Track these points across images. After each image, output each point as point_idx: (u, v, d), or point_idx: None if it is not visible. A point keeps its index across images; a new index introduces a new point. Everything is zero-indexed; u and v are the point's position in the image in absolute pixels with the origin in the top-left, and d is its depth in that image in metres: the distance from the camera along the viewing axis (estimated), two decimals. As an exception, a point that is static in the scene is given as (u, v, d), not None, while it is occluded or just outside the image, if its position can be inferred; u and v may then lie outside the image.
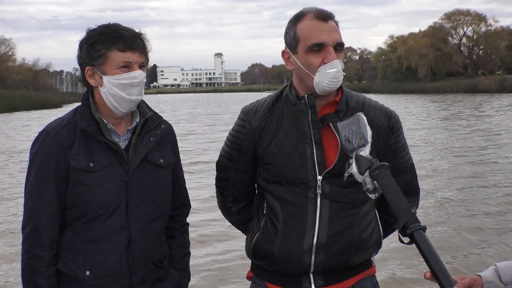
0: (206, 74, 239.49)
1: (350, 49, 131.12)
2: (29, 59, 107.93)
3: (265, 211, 2.44)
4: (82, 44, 2.31)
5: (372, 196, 2.03)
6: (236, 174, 2.51)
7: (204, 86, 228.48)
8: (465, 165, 13.70)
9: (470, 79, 79.30)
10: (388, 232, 2.59)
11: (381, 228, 2.50)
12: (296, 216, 2.35)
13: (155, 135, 2.39)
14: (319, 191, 2.33)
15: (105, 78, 2.27)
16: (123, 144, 2.35)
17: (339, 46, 2.31)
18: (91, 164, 2.26)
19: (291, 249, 2.36)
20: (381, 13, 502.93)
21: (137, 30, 2.35)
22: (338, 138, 2.28)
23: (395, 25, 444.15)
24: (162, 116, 2.46)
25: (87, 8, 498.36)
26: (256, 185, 2.55)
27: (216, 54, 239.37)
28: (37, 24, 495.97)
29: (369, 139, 2.08)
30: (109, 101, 2.29)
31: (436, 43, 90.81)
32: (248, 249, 2.53)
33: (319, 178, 2.33)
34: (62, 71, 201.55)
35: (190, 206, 2.64)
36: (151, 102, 7.20)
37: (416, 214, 1.89)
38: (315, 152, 2.33)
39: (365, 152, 2.06)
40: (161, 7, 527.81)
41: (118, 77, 2.25)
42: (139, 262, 2.33)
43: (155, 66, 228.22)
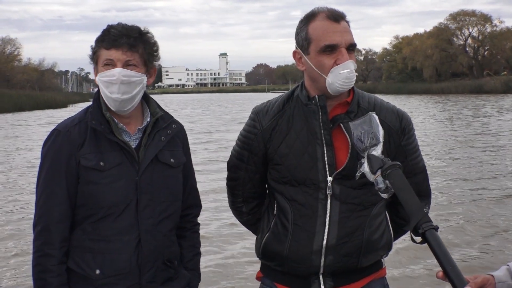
0: (211, 74, 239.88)
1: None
2: (34, 59, 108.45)
3: (275, 212, 2.43)
4: None
5: (384, 196, 2.02)
6: (247, 174, 2.50)
7: (209, 86, 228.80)
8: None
9: (476, 80, 79.14)
10: (399, 234, 2.58)
11: (392, 230, 2.49)
12: (306, 217, 2.34)
13: (166, 135, 2.39)
14: (329, 192, 2.32)
15: (97, 76, 2.31)
16: (134, 144, 2.35)
17: (352, 47, 2.29)
18: (102, 163, 2.27)
19: (301, 250, 2.35)
20: (385, 14, 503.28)
21: (142, 28, 2.34)
22: (349, 139, 2.28)
23: (399, 26, 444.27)
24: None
25: (92, 8, 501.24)
26: (267, 186, 2.54)
27: (221, 55, 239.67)
28: (42, 24, 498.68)
29: (381, 139, 2.07)
30: (104, 99, 2.31)
31: (441, 44, 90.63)
32: (258, 250, 2.52)
33: (330, 179, 2.31)
34: (67, 71, 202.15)
35: (201, 206, 2.63)
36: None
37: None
38: (326, 153, 2.32)
39: (377, 152, 2.05)
40: (166, 7, 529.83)
41: (102, 75, 2.28)
42: (149, 262, 2.32)
43: (160, 66, 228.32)
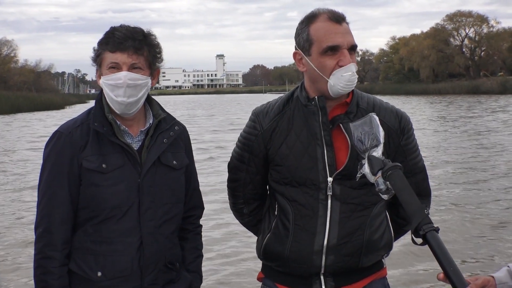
0: (208, 76, 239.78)
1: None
2: (31, 61, 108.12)
3: (276, 212, 2.43)
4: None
5: (385, 197, 2.02)
6: (248, 176, 2.51)
7: (206, 88, 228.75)
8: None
9: (472, 81, 79.21)
10: (400, 234, 2.58)
11: (392, 230, 2.49)
12: (307, 218, 2.35)
13: (168, 137, 2.39)
14: (330, 193, 2.33)
15: (101, 79, 2.30)
16: (136, 146, 2.35)
17: (353, 48, 2.30)
18: (104, 165, 2.26)
19: (302, 251, 2.35)
20: (382, 15, 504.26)
21: (146, 30, 2.33)
22: (349, 139, 2.28)
23: (396, 27, 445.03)
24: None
25: (88, 10, 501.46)
26: (268, 187, 2.54)
27: (218, 56, 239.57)
28: (38, 25, 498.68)
29: (382, 140, 2.07)
30: (108, 102, 2.31)
31: (438, 45, 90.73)
32: (259, 250, 2.52)
33: (330, 180, 2.32)
34: (64, 73, 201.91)
35: (204, 208, 2.63)
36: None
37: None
38: (326, 154, 2.32)
39: (378, 153, 2.05)
40: (162, 9, 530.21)
41: (106, 78, 2.27)
42: (151, 264, 2.32)
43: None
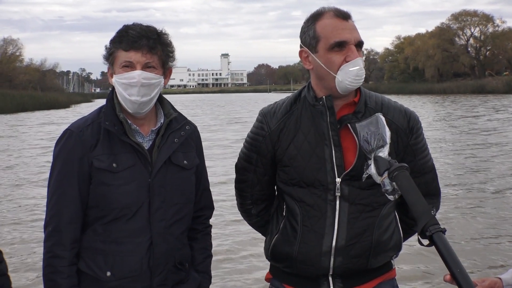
0: (213, 75, 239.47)
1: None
2: (36, 60, 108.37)
3: (284, 213, 2.43)
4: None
5: (391, 198, 2.02)
6: (255, 176, 2.50)
7: (211, 87, 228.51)
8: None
9: (477, 80, 78.93)
10: (409, 235, 2.57)
11: (401, 231, 2.48)
12: (315, 218, 2.34)
13: (179, 136, 2.38)
14: (338, 193, 2.32)
15: (114, 78, 2.29)
16: (147, 145, 2.34)
17: (360, 45, 2.29)
18: (114, 165, 2.26)
19: (310, 252, 2.35)
20: (386, 14, 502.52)
21: (159, 29, 2.33)
22: (357, 140, 2.27)
23: (400, 26, 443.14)
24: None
25: (92, 9, 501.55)
26: (276, 187, 2.53)
27: (223, 55, 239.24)
28: (43, 25, 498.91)
29: (388, 140, 2.06)
30: (120, 100, 2.30)
31: (443, 44, 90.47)
32: (267, 251, 2.52)
33: (338, 180, 2.31)
34: (69, 72, 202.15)
35: (214, 208, 2.62)
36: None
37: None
38: (334, 154, 2.31)
39: (384, 153, 2.04)
40: (166, 8, 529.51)
41: (120, 77, 2.26)
42: (160, 264, 2.31)
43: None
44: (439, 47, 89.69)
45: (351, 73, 2.24)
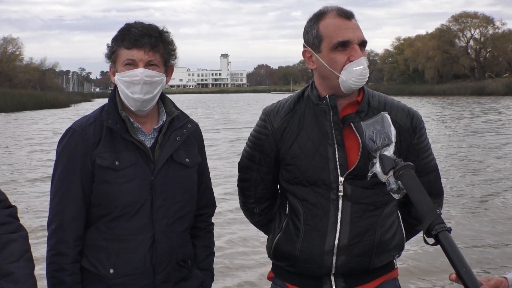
0: (212, 75, 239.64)
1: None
2: (36, 59, 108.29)
3: (287, 212, 2.42)
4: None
5: (396, 197, 2.02)
6: (259, 175, 2.50)
7: (210, 87, 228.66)
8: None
9: (477, 82, 78.99)
10: (412, 234, 2.57)
11: (404, 230, 2.48)
12: (318, 217, 2.34)
13: (181, 134, 2.39)
14: (341, 193, 2.31)
15: (116, 76, 2.30)
16: (149, 143, 2.34)
17: (363, 44, 2.30)
18: (117, 163, 2.26)
19: (313, 251, 2.34)
20: (386, 15, 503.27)
21: (161, 28, 2.33)
22: (360, 139, 2.27)
23: (400, 27, 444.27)
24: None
25: (92, 8, 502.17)
26: (278, 186, 2.53)
27: (222, 55, 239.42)
28: (42, 24, 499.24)
29: (393, 139, 2.06)
30: (122, 98, 2.31)
31: (443, 46, 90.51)
32: (269, 250, 2.51)
33: (341, 179, 2.31)
34: (68, 71, 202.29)
35: (216, 206, 2.63)
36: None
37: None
38: (337, 153, 2.31)
39: (389, 152, 2.04)
40: (166, 8, 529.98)
41: (122, 75, 2.27)
42: (163, 261, 2.32)
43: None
44: (439, 49, 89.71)
45: (355, 73, 2.24)
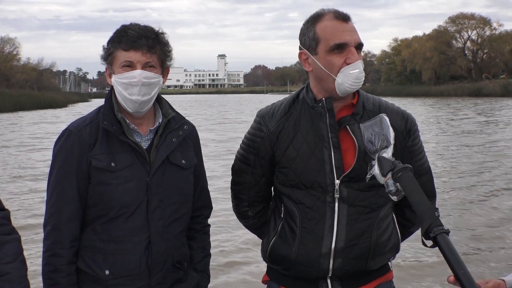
0: (209, 76, 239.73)
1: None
2: (33, 59, 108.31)
3: (283, 215, 2.41)
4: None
5: (394, 199, 2.01)
6: (253, 178, 2.48)
7: (207, 88, 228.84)
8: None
9: (474, 83, 79.15)
10: (405, 236, 2.57)
11: (399, 232, 2.48)
12: (314, 220, 2.33)
13: (178, 136, 2.38)
14: (337, 195, 2.31)
15: (113, 77, 2.29)
16: (145, 145, 2.34)
17: (360, 47, 2.29)
18: (113, 164, 2.26)
19: (309, 254, 2.34)
20: (383, 16, 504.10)
21: (157, 29, 2.33)
22: (356, 141, 2.27)
23: (397, 28, 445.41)
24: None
25: (89, 8, 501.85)
26: (273, 189, 2.52)
27: (219, 56, 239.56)
28: (39, 24, 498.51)
29: (392, 141, 2.05)
30: (119, 100, 2.30)
31: (440, 47, 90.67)
32: (265, 253, 2.50)
33: (337, 182, 2.30)
34: (65, 71, 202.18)
35: (212, 208, 2.62)
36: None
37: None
38: (333, 156, 2.31)
39: (388, 154, 2.04)
40: (163, 8, 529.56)
41: (120, 76, 2.27)
42: (159, 263, 2.32)
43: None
44: (436, 50, 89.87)
45: (351, 76, 2.24)
